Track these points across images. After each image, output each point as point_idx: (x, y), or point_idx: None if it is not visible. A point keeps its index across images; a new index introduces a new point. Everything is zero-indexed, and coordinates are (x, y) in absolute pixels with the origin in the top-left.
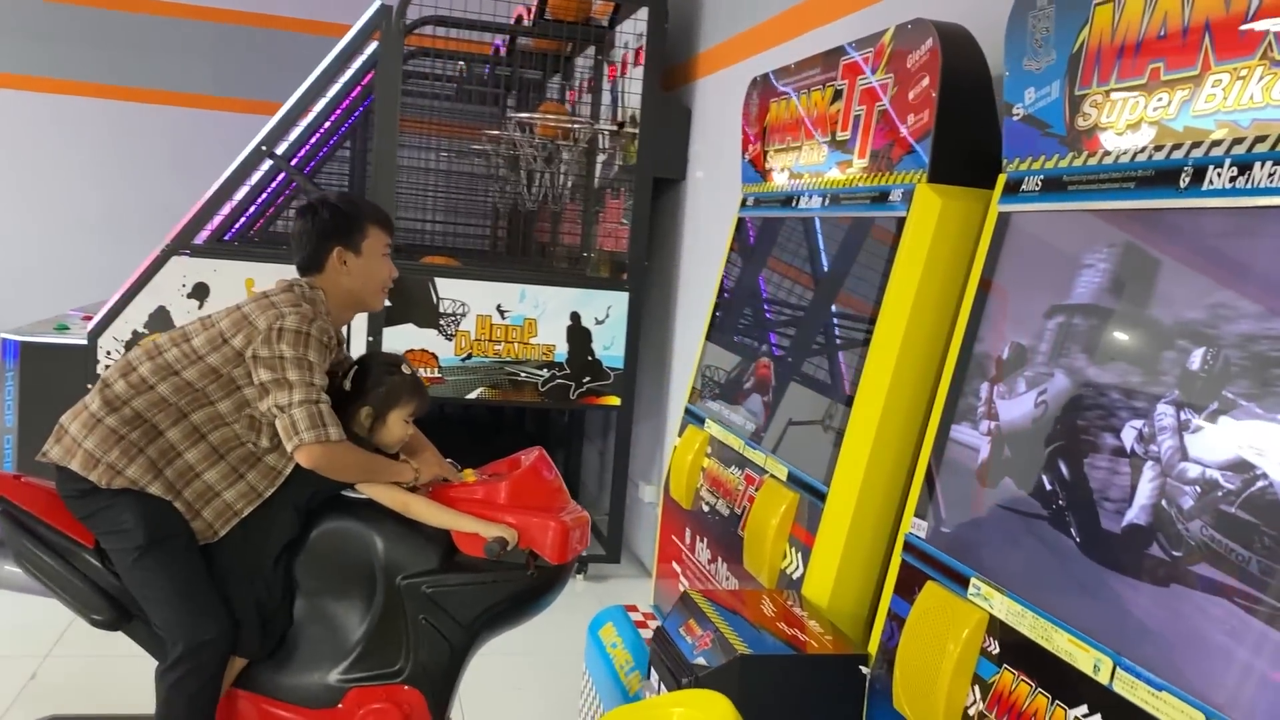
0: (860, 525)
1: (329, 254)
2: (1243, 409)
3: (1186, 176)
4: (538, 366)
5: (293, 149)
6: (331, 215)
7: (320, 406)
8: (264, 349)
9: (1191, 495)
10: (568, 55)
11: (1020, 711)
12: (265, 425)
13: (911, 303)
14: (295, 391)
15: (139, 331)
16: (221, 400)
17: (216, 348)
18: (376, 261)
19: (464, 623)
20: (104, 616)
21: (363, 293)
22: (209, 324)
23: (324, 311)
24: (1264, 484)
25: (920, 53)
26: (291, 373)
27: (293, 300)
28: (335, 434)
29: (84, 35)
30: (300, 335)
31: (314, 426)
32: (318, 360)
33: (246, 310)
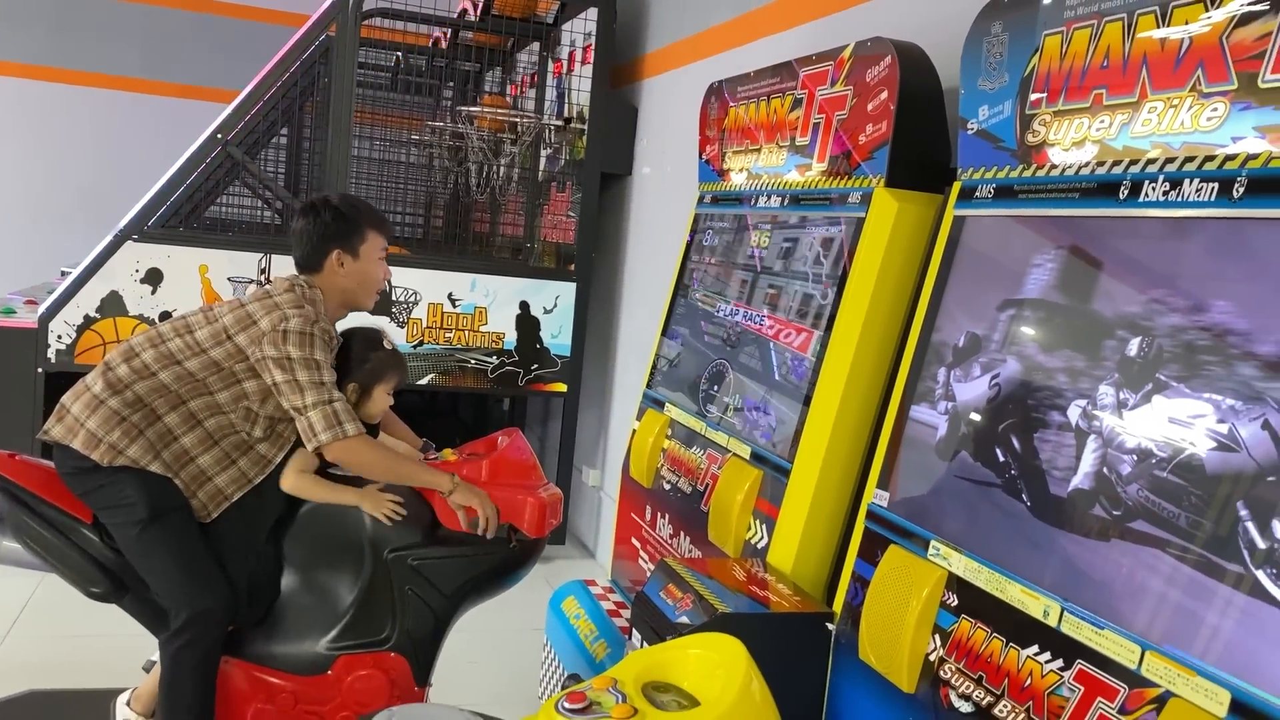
0: (821, 498)
1: (327, 255)
2: (1173, 389)
3: (1125, 189)
4: (487, 354)
5: (238, 136)
6: (333, 218)
7: (335, 405)
8: (271, 349)
9: (1129, 463)
10: (509, 50)
11: (977, 654)
12: (261, 418)
13: (870, 295)
14: (308, 393)
15: (90, 316)
16: (220, 391)
17: (220, 343)
18: (372, 264)
19: (447, 593)
20: (101, 589)
21: (357, 293)
22: (212, 318)
23: (323, 312)
24: (1190, 452)
25: (879, 68)
26: (301, 373)
27: (295, 301)
28: (352, 429)
29: (9, 14)
30: (305, 336)
31: (330, 427)
32: (324, 359)
33: (251, 309)
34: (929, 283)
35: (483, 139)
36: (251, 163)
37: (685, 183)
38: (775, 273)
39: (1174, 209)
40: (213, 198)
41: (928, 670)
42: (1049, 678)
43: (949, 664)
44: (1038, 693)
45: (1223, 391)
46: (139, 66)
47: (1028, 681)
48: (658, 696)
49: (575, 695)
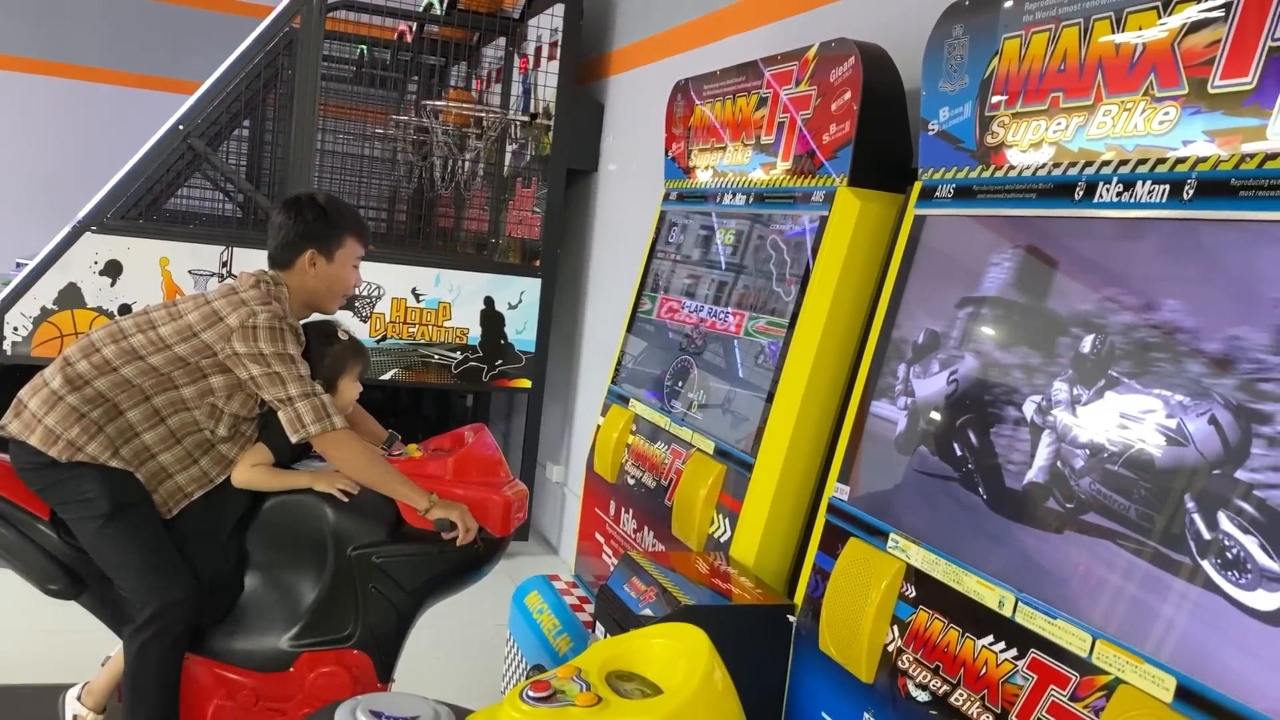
0: (783, 492)
1: (301, 253)
2: (1124, 385)
3: (1080, 190)
4: (451, 349)
5: (200, 128)
6: (314, 217)
7: (321, 398)
8: (241, 345)
9: (1082, 457)
10: (474, 44)
11: (934, 645)
12: (225, 415)
13: (833, 292)
14: (290, 385)
15: (47, 308)
16: (186, 386)
17: (186, 339)
18: (344, 270)
19: (411, 590)
20: (59, 586)
21: (323, 296)
22: (175, 314)
23: (288, 309)
24: (1141, 446)
25: (843, 69)
26: (279, 366)
27: (261, 298)
28: (340, 422)
29: None
30: (275, 331)
31: (320, 419)
32: (296, 352)
33: (216, 305)
34: (890, 281)
35: (448, 134)
36: (214, 155)
37: (651, 180)
38: (740, 270)
39: (1127, 210)
40: (174, 189)
41: (886, 661)
42: (1004, 667)
43: (907, 654)
44: (992, 681)
45: (1172, 388)
46: (98, 55)
47: (983, 671)
48: (621, 685)
49: (539, 684)
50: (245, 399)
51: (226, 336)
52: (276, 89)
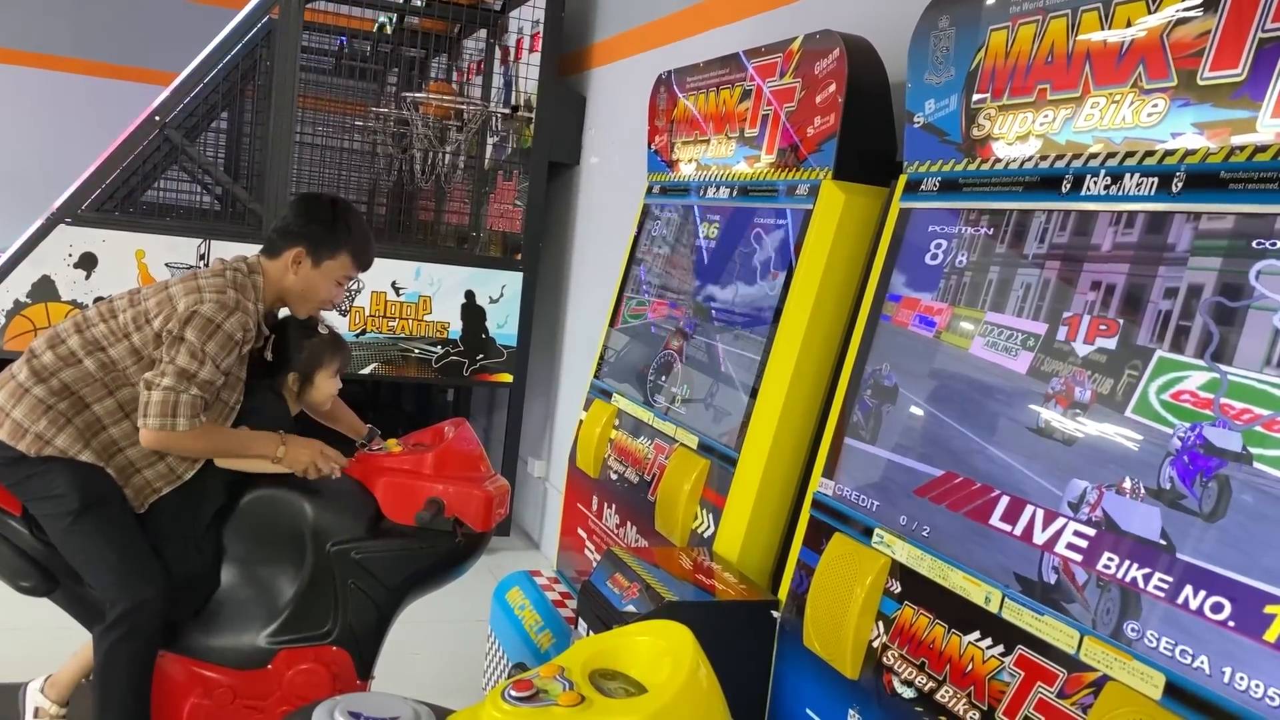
0: (767, 488)
1: (290, 249)
2: (1107, 383)
3: (1067, 183)
4: (431, 343)
5: (176, 119)
6: (319, 221)
7: (183, 397)
8: (175, 327)
9: (1067, 451)
10: (455, 36)
11: (920, 641)
12: None
13: (817, 286)
14: (169, 375)
15: (21, 301)
16: (141, 381)
17: (139, 327)
18: (325, 282)
19: (391, 586)
20: (31, 583)
21: (296, 299)
22: (136, 300)
23: (256, 298)
24: (1125, 442)
25: (828, 61)
26: (182, 358)
27: (218, 286)
28: (184, 425)
29: None
30: (209, 324)
31: (163, 415)
32: (216, 353)
33: (173, 290)
34: (875, 274)
35: (428, 126)
36: (191, 146)
37: (634, 173)
38: (723, 263)
39: (1115, 203)
40: (150, 181)
41: (871, 657)
42: (990, 663)
43: (892, 650)
44: (979, 678)
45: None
46: (70, 45)
47: (969, 667)
48: (605, 684)
49: (522, 683)
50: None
51: (171, 319)
52: (255, 81)
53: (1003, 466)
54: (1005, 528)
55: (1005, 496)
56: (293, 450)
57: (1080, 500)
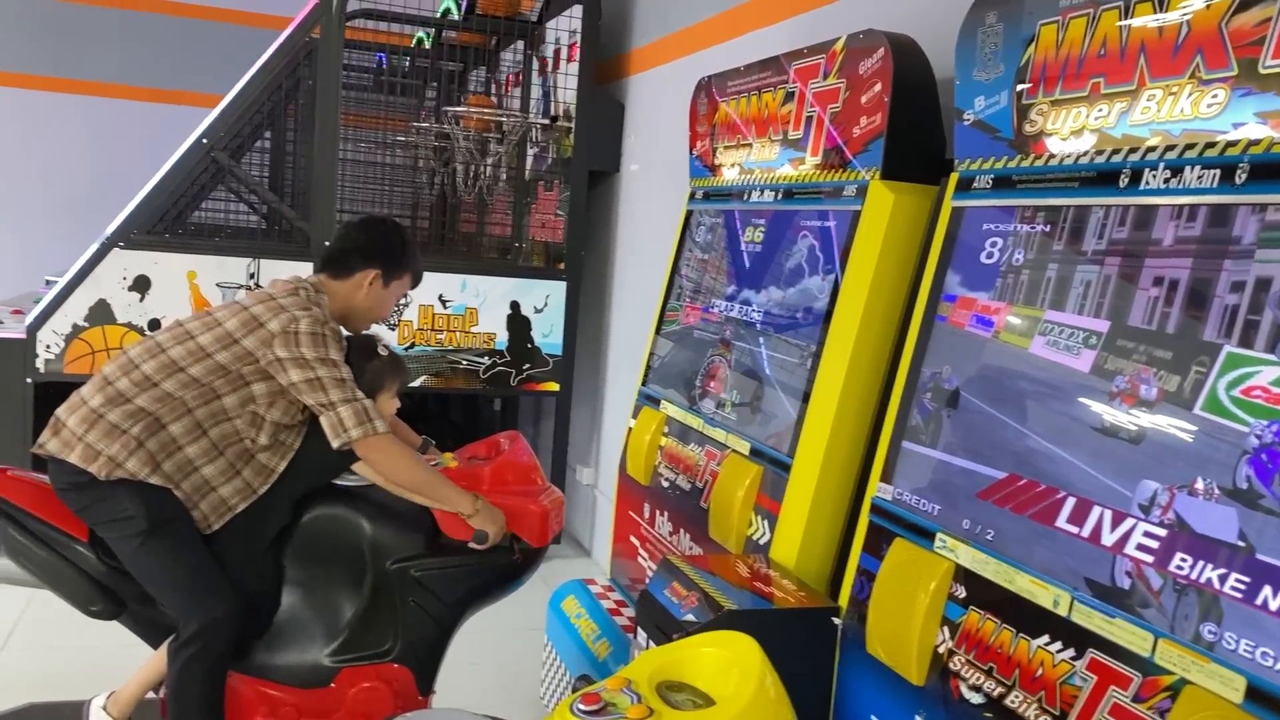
0: (823, 493)
1: (365, 270)
2: (1175, 379)
3: (1125, 178)
4: (479, 354)
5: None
6: (394, 244)
7: (363, 403)
8: (283, 350)
9: (1135, 450)
10: (493, 49)
11: (987, 646)
12: (267, 423)
13: (868, 288)
14: (332, 390)
15: (79, 325)
16: (228, 395)
17: (226, 346)
18: (390, 301)
19: (449, 602)
20: (100, 607)
21: (361, 317)
22: (212, 323)
23: (327, 315)
24: (1197, 439)
25: (873, 60)
26: (321, 370)
27: (301, 304)
28: (382, 427)
29: None
30: (317, 336)
31: (361, 422)
32: (339, 357)
33: (255, 311)
34: (928, 274)
35: (469, 139)
36: (238, 167)
37: (674, 179)
38: (770, 267)
39: (1175, 196)
40: (198, 203)
41: (937, 662)
42: (1061, 667)
43: (958, 656)
44: (1050, 682)
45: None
46: (117, 72)
47: (1039, 672)
48: (672, 696)
49: (589, 697)
50: (287, 406)
51: (268, 342)
52: (297, 99)
53: (1067, 467)
54: (1072, 530)
55: (1071, 498)
56: (485, 513)
57: (1151, 502)
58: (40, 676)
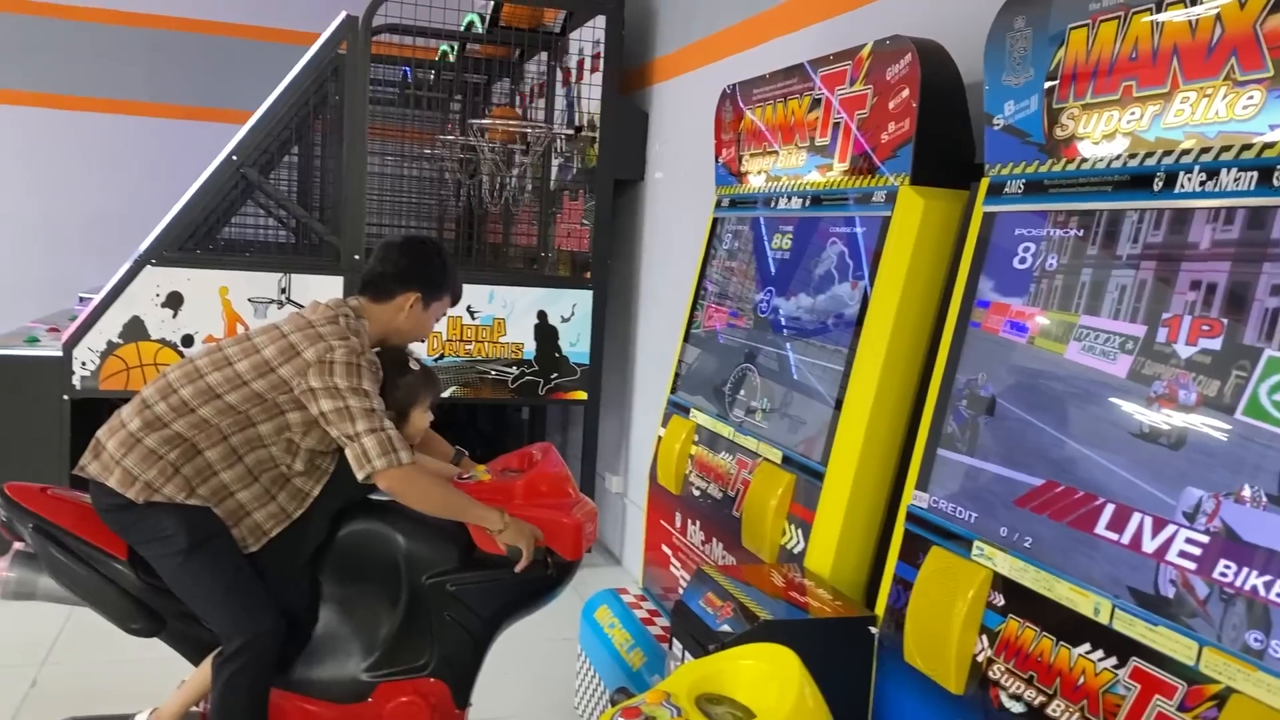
0: (858, 501)
1: (406, 293)
2: (1213, 385)
3: (1159, 181)
4: (507, 364)
5: (251, 157)
6: (435, 266)
7: (388, 433)
8: (317, 380)
9: (1174, 458)
10: (516, 60)
11: (1027, 654)
12: (302, 450)
13: (900, 293)
14: (359, 420)
15: (113, 341)
16: (264, 423)
17: (262, 374)
18: (430, 321)
19: (485, 616)
20: (140, 625)
21: (401, 337)
22: (250, 350)
23: (366, 343)
24: (1237, 443)
25: (900, 66)
26: (351, 400)
27: (339, 333)
28: (406, 457)
29: (14, 43)
30: (351, 367)
31: (385, 453)
32: (372, 389)
33: (294, 339)
34: (961, 280)
35: (494, 150)
36: (268, 183)
37: (700, 186)
38: (799, 273)
39: (1211, 199)
40: (228, 219)
41: (976, 671)
42: (1103, 676)
43: (998, 664)
44: (1092, 691)
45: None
46: (145, 90)
47: (1081, 680)
48: (712, 709)
49: (630, 710)
50: (322, 434)
51: (303, 371)
52: (325, 114)
53: (1106, 474)
54: (1112, 537)
55: (1110, 504)
56: (514, 527)
57: (1196, 510)
58: (81, 692)
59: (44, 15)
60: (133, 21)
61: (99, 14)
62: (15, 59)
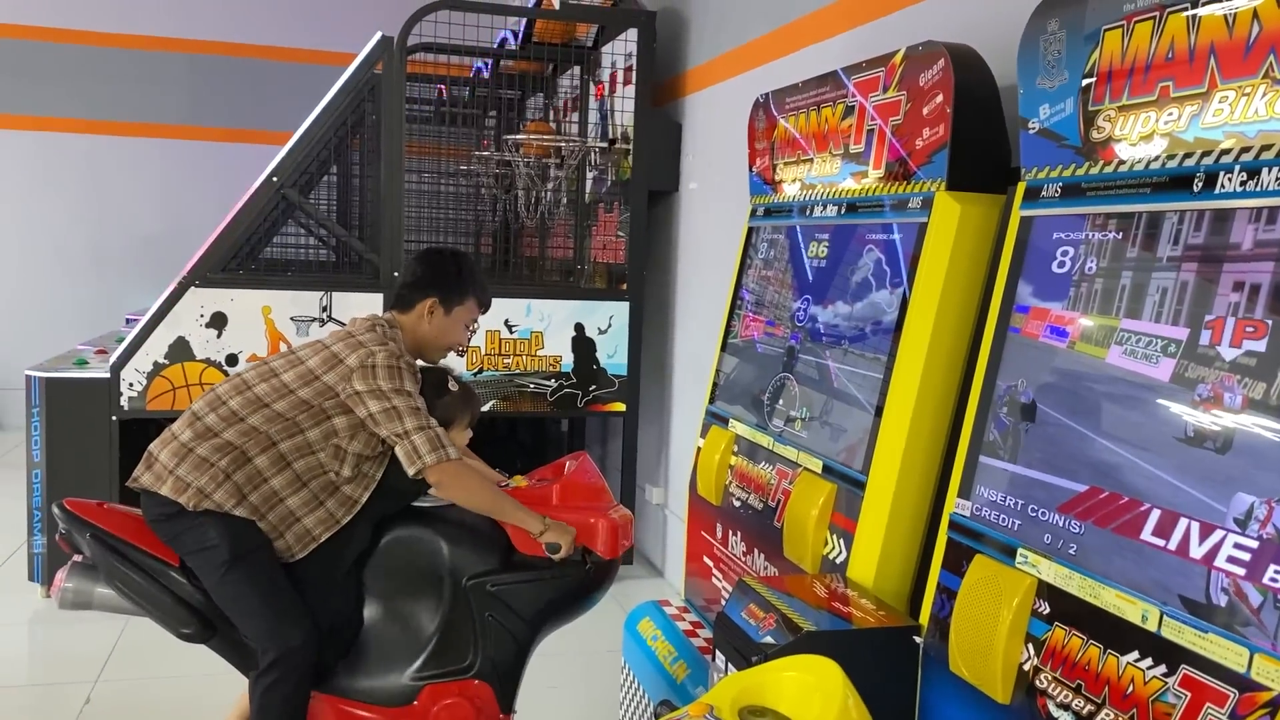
0: (900, 510)
1: (423, 300)
2: (1262, 388)
3: (1199, 182)
4: (545, 377)
5: (291, 178)
6: (447, 271)
7: (436, 430)
8: (361, 384)
9: (1217, 462)
10: (550, 75)
11: (1074, 663)
12: (349, 455)
13: (938, 299)
14: (407, 419)
15: (159, 362)
16: (311, 429)
17: (308, 382)
18: (457, 327)
19: (526, 618)
20: (191, 629)
21: (432, 346)
22: (295, 361)
23: (403, 349)
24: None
25: (933, 71)
26: (397, 400)
27: (379, 339)
28: (455, 453)
29: (59, 71)
30: (393, 370)
31: (435, 449)
32: (413, 389)
33: (336, 349)
34: (999, 285)
35: (529, 165)
36: (308, 203)
37: (734, 196)
38: (835, 281)
39: (1253, 199)
40: (269, 239)
41: (1022, 680)
42: (1153, 684)
43: (1045, 673)
44: (1142, 700)
45: None
46: (187, 114)
47: (1130, 689)
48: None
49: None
50: (368, 438)
51: (347, 377)
52: (362, 133)
53: (1151, 479)
54: (1159, 543)
55: (1156, 510)
56: (554, 529)
57: (1248, 516)
58: (134, 708)
59: (88, 44)
60: (174, 47)
61: (142, 40)
62: (61, 86)
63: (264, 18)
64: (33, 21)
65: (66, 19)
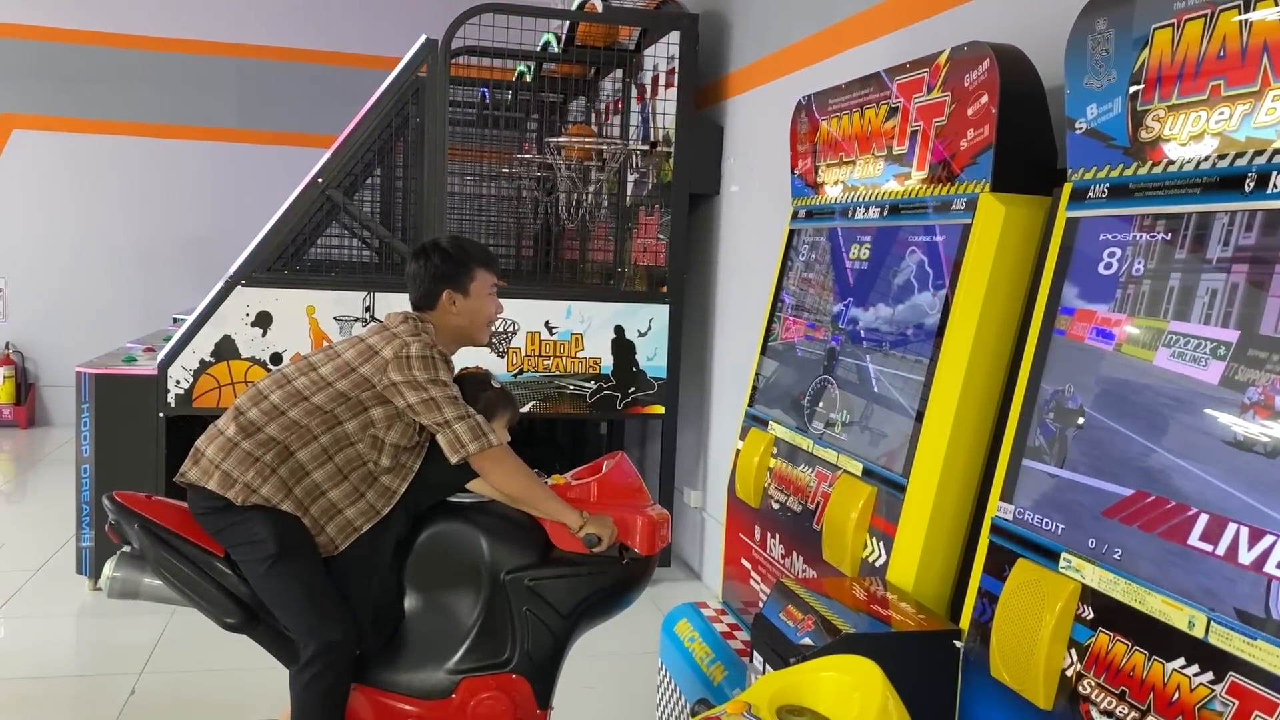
0: (940, 513)
1: (440, 295)
2: None
3: (1251, 182)
4: (585, 379)
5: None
6: (441, 260)
7: (476, 418)
8: (397, 374)
9: (1278, 467)
10: (592, 78)
11: (1118, 669)
12: (387, 446)
13: (982, 301)
14: (446, 408)
15: (206, 360)
16: (349, 420)
17: (345, 375)
18: (482, 301)
19: (564, 613)
20: (235, 619)
21: (470, 329)
22: (332, 354)
23: (436, 342)
24: None
25: (978, 72)
26: (434, 390)
27: (412, 330)
28: (496, 440)
29: (111, 75)
30: (428, 360)
31: (477, 437)
32: (449, 378)
33: (371, 342)
34: (1044, 287)
35: (570, 168)
36: (352, 205)
37: (775, 198)
38: (877, 283)
39: None
40: (314, 240)
41: (1065, 686)
42: (1199, 692)
43: (1088, 679)
44: (1188, 707)
45: None
46: (236, 118)
47: (1175, 696)
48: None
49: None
50: (404, 428)
51: (383, 368)
52: (406, 136)
53: (1198, 483)
54: (1206, 548)
55: (1204, 515)
56: (592, 522)
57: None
58: (178, 700)
59: (142, 49)
60: (223, 51)
61: (193, 44)
62: (114, 90)
63: (310, 23)
64: (89, 27)
65: (120, 25)
